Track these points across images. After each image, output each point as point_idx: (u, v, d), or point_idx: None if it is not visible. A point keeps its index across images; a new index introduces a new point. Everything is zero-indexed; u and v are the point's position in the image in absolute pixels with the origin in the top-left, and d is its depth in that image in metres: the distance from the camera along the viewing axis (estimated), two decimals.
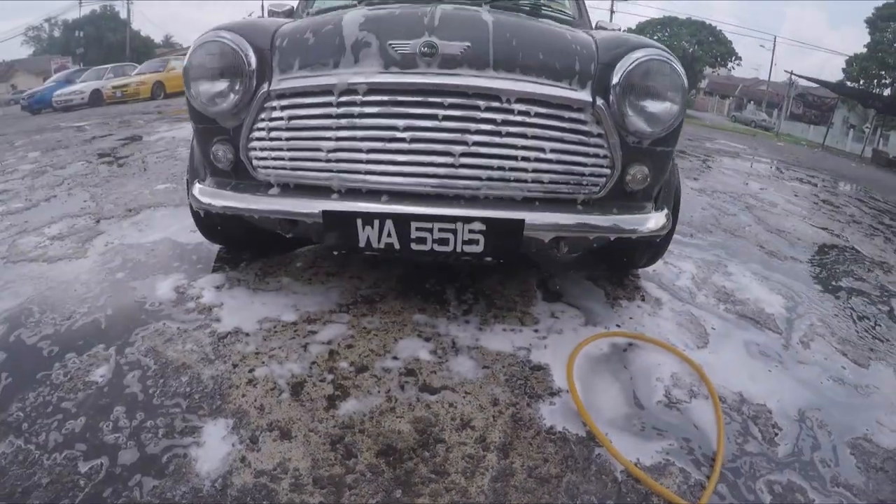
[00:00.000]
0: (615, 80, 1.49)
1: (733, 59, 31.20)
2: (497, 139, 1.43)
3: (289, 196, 1.55)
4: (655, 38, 31.87)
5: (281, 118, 1.50)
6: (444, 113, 1.41)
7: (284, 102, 1.49)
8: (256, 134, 1.54)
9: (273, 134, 1.51)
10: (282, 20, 1.81)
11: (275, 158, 1.54)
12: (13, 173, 4.49)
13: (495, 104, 1.42)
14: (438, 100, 1.40)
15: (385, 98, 1.43)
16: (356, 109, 1.43)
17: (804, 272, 2.78)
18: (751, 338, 1.94)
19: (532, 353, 1.69)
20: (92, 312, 1.82)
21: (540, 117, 1.44)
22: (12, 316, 1.82)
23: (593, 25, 2.70)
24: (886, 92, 22.59)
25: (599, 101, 1.49)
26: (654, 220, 1.61)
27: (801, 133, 22.07)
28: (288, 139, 1.50)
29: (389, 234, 1.44)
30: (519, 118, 1.43)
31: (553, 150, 1.47)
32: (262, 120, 1.52)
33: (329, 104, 1.45)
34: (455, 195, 1.48)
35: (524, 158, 1.45)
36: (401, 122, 1.42)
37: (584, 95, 1.48)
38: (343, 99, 1.43)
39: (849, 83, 23.71)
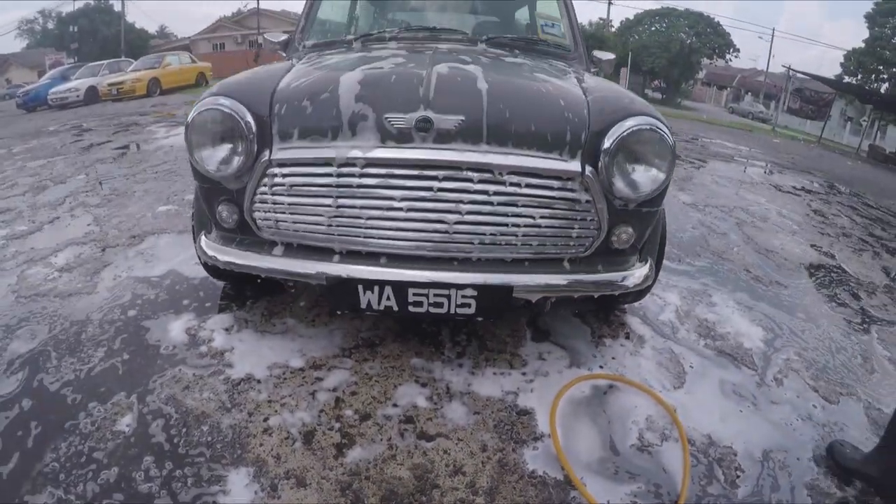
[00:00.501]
0: (605, 147, 1.58)
1: (731, 51, 31.19)
2: (489, 208, 1.55)
3: (292, 256, 1.68)
4: (653, 28, 31.93)
5: (283, 184, 1.60)
6: (439, 185, 1.52)
7: (286, 171, 1.59)
8: (259, 197, 1.64)
9: (276, 199, 1.62)
10: (279, 71, 1.88)
11: (278, 221, 1.65)
12: (14, 187, 4.62)
13: (488, 176, 1.53)
14: (434, 173, 1.51)
15: (382, 171, 1.53)
16: (355, 180, 1.54)
17: (787, 300, 2.95)
18: (726, 377, 2.11)
19: (519, 398, 1.86)
20: (109, 357, 1.98)
21: (530, 187, 1.55)
22: (32, 359, 1.98)
23: (589, 55, 2.81)
24: (884, 87, 22.70)
25: (588, 170, 1.58)
26: (636, 275, 1.75)
27: (799, 126, 22.16)
28: (290, 204, 1.61)
29: (388, 298, 1.59)
30: (510, 189, 1.54)
31: (542, 217, 1.58)
32: (265, 185, 1.62)
33: (329, 174, 1.55)
34: (449, 257, 1.62)
35: (514, 225, 1.58)
36: (398, 193, 1.53)
37: (574, 165, 1.58)
38: (342, 170, 1.54)
39: (847, 78, 23.85)
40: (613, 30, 32.48)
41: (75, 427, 1.63)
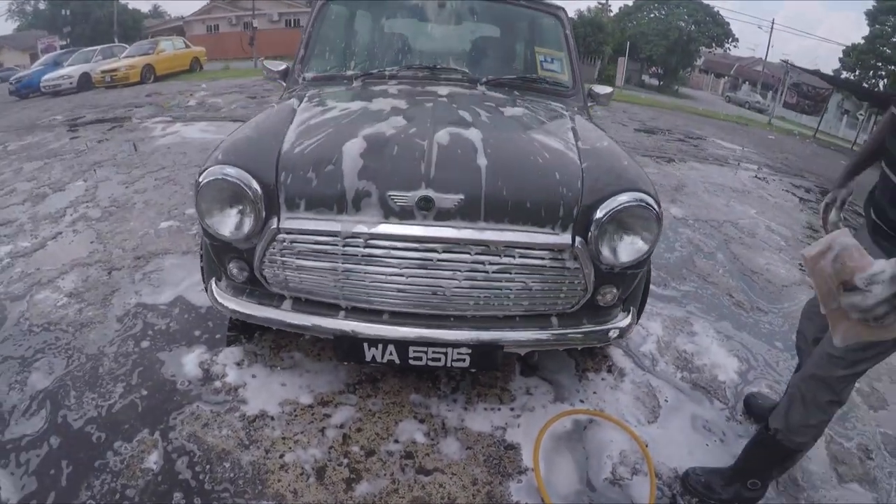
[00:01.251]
0: (596, 219, 1.72)
1: (730, 40, 31.25)
2: (484, 276, 1.71)
3: (301, 310, 1.84)
4: (652, 16, 31.94)
5: (291, 249, 1.73)
6: (439, 256, 1.67)
7: (294, 238, 1.72)
8: (269, 258, 1.76)
9: (285, 261, 1.75)
10: (281, 126, 1.96)
11: (287, 278, 1.79)
12: (13, 194, 4.77)
13: (484, 249, 1.69)
14: (434, 246, 1.67)
15: (385, 244, 1.68)
16: (359, 251, 1.69)
17: (766, 327, 3.17)
18: (698, 411, 2.34)
19: (507, 433, 2.08)
20: (128, 392, 2.18)
21: (523, 258, 1.70)
22: (52, 394, 2.17)
23: (586, 91, 2.96)
24: (882, 84, 22.92)
25: (578, 240, 1.73)
26: (619, 325, 1.93)
27: (795, 118, 22.36)
28: (298, 267, 1.75)
29: (391, 354, 1.80)
30: (505, 260, 1.70)
31: (533, 282, 1.74)
32: (274, 248, 1.74)
33: (335, 244, 1.69)
34: (447, 315, 1.81)
35: (507, 289, 1.76)
36: (400, 262, 1.69)
37: (565, 238, 1.72)
38: (348, 240, 1.68)
39: (845, 73, 24.08)
40: (612, 14, 32.36)
41: (105, 465, 1.82)
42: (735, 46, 32.51)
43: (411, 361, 1.81)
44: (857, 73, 24.38)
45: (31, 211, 4.28)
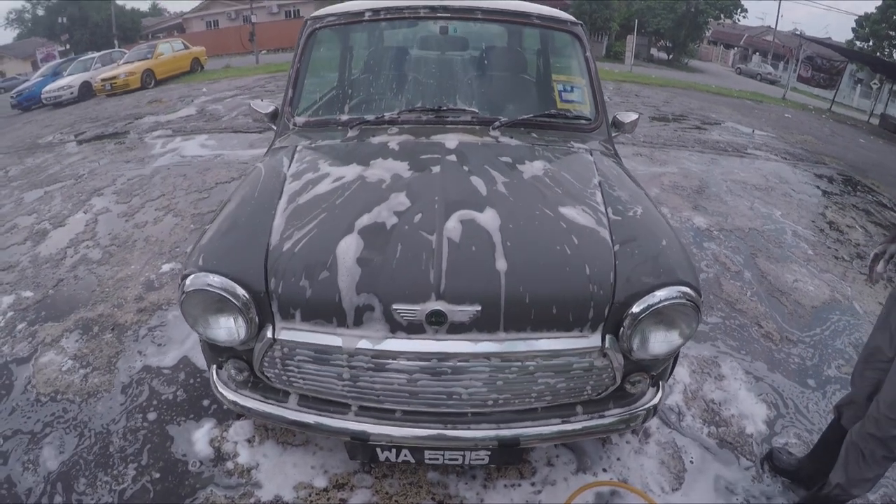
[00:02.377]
0: (631, 313, 1.54)
1: (739, 11, 30.52)
2: (504, 380, 1.57)
3: (308, 407, 1.71)
4: None
5: (291, 358, 1.60)
6: (454, 366, 1.53)
7: (292, 348, 1.59)
8: (268, 361, 1.64)
9: (287, 366, 1.63)
10: (265, 211, 1.79)
11: (290, 380, 1.67)
12: (14, 231, 4.77)
13: (504, 357, 1.53)
14: (447, 359, 1.52)
15: (392, 360, 1.54)
16: (365, 365, 1.55)
17: (795, 362, 3.06)
18: (723, 473, 2.26)
19: None
20: (140, 475, 2.16)
21: (547, 361, 1.56)
22: (66, 475, 2.17)
23: (609, 119, 2.65)
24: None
25: (608, 338, 1.57)
26: (649, 406, 1.77)
27: (807, 89, 21.88)
28: (300, 372, 1.63)
29: (406, 455, 1.72)
30: (528, 364, 1.55)
31: (558, 381, 1.60)
32: (272, 355, 1.61)
33: (339, 356, 1.55)
34: (463, 412, 1.67)
35: (529, 388, 1.61)
36: (412, 374, 1.55)
37: (594, 340, 1.56)
38: (352, 356, 1.55)
39: (858, 44, 23.44)
40: None
41: None
42: (744, 17, 31.69)
43: (428, 461, 1.73)
44: (870, 42, 23.71)
45: (32, 253, 4.29)
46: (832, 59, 17.81)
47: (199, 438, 2.30)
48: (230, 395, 1.79)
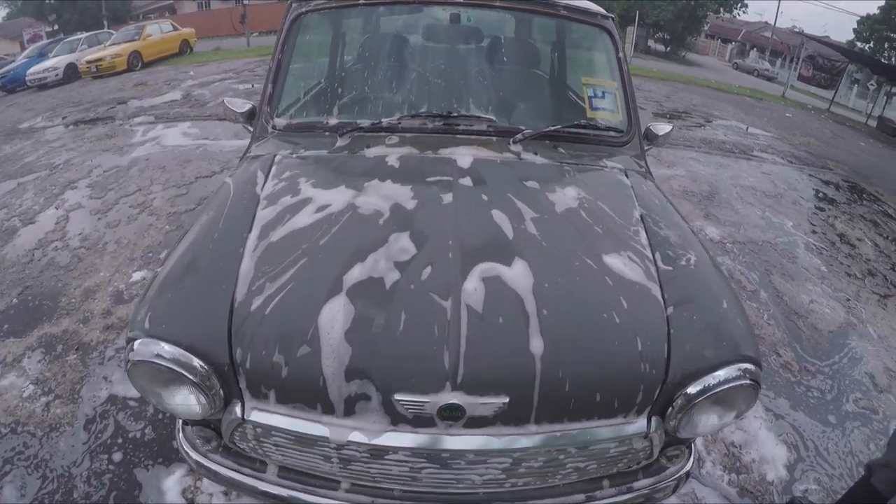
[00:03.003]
0: (685, 394, 1.26)
1: (738, 5, 30.19)
2: (527, 469, 1.30)
3: (289, 479, 1.41)
4: None
5: (266, 438, 1.30)
6: (470, 459, 1.26)
7: (267, 430, 1.27)
8: (239, 436, 1.34)
9: (262, 445, 1.33)
10: (234, 249, 1.42)
11: (267, 454, 1.37)
12: None
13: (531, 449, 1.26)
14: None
15: (395, 455, 1.25)
16: (357, 455, 1.26)
17: (815, 395, 2.88)
18: None
19: None
20: None
21: (580, 448, 1.28)
22: None
23: (641, 129, 2.25)
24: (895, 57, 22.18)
25: (654, 420, 1.30)
26: (681, 474, 1.52)
27: (806, 89, 21.69)
28: (279, 448, 1.32)
29: None
30: (559, 456, 1.28)
31: (589, 465, 1.35)
32: (244, 432, 1.31)
33: (325, 446, 1.25)
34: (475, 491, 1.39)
35: (554, 472, 1.34)
36: (416, 468, 1.27)
37: (640, 426, 1.29)
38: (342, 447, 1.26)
39: (859, 45, 23.20)
40: None
41: None
42: (744, 12, 31.32)
43: None
44: (871, 44, 23.48)
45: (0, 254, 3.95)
46: (833, 59, 17.53)
47: (171, 487, 2.05)
48: (196, 457, 1.48)
